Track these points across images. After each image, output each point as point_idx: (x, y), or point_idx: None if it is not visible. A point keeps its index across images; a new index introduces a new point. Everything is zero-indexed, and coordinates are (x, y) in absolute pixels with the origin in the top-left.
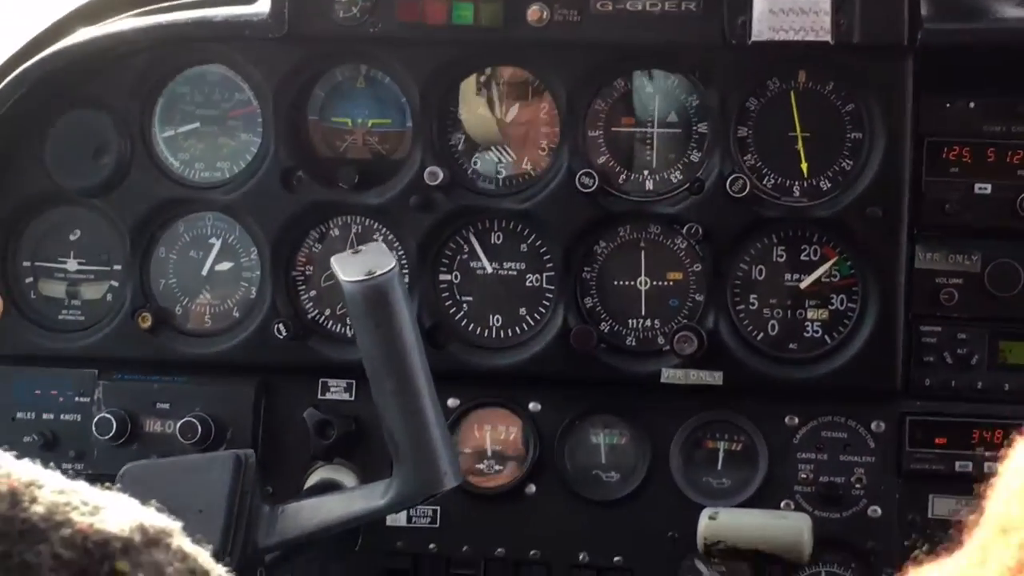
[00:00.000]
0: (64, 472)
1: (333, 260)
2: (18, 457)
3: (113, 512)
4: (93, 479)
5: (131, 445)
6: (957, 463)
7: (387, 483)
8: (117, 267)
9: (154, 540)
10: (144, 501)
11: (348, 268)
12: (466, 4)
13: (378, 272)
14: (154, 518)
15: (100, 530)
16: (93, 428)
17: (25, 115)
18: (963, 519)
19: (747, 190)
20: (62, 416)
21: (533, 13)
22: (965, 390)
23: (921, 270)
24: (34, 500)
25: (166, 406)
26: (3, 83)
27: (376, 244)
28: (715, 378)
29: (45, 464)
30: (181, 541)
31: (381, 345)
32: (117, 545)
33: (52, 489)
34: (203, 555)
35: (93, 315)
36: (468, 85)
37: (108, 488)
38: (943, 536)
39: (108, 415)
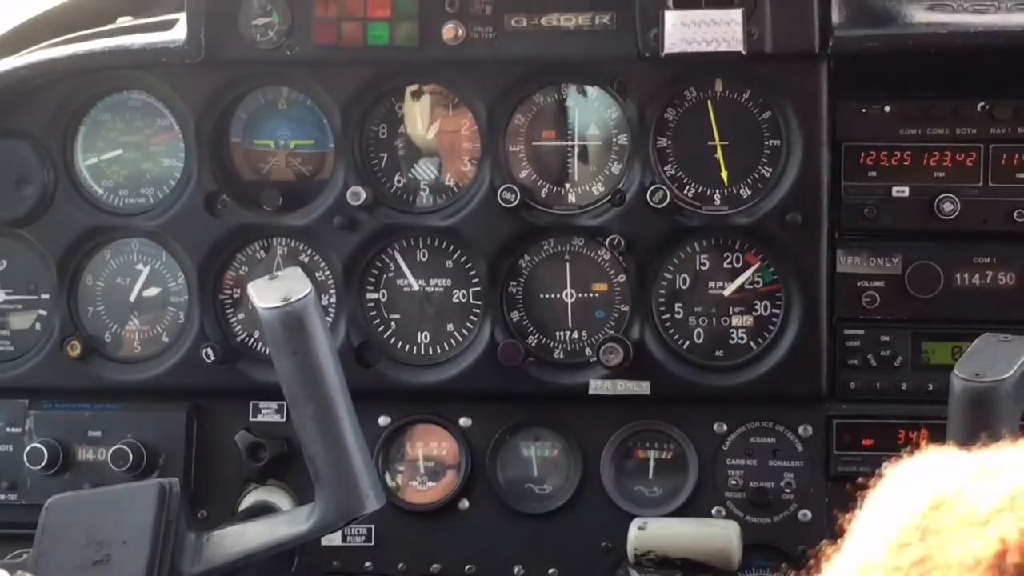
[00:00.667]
0: None
1: (249, 287)
2: None
3: None
4: (27, 509)
5: (63, 474)
6: (885, 464)
7: (311, 507)
8: (45, 296)
9: None
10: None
11: (264, 294)
12: (381, 24)
13: (294, 298)
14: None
15: None
16: (25, 458)
17: None
18: (818, 547)
19: (668, 200)
20: None
21: (448, 31)
22: (890, 391)
23: (843, 274)
24: None
25: (98, 434)
26: None
27: (293, 269)
28: (643, 388)
29: None
30: None
31: (299, 371)
32: None
33: None
34: None
35: (22, 345)
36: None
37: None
38: None
39: (39, 445)
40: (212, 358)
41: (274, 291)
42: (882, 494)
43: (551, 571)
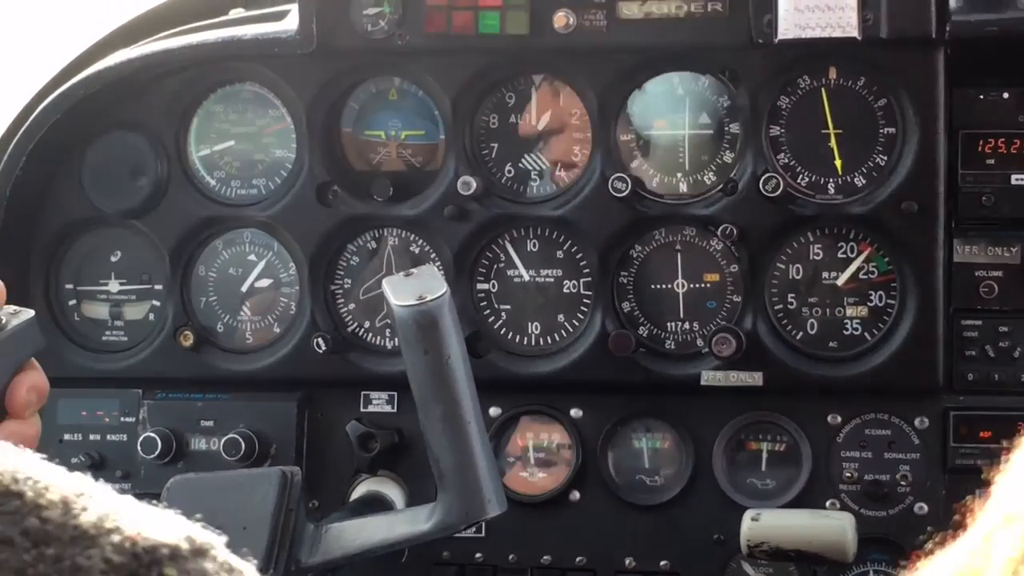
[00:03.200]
0: None
1: (385, 283)
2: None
3: (161, 523)
4: (140, 498)
5: (176, 463)
6: (1003, 457)
7: (431, 508)
8: (158, 287)
9: (201, 550)
10: (188, 515)
11: (399, 292)
12: (492, 13)
13: (429, 297)
14: (200, 531)
15: (149, 537)
16: (139, 447)
17: (63, 139)
18: (967, 504)
19: (781, 189)
20: (108, 437)
21: (559, 20)
22: (1008, 383)
23: (960, 263)
24: (84, 509)
25: (210, 423)
26: (40, 108)
27: (428, 267)
28: (755, 379)
29: None
30: (227, 555)
31: (430, 371)
32: (165, 552)
33: (102, 500)
34: (249, 569)
35: (136, 335)
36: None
37: (154, 503)
38: None
39: (153, 434)
40: (323, 348)
41: (409, 289)
42: (1009, 476)
43: (663, 563)
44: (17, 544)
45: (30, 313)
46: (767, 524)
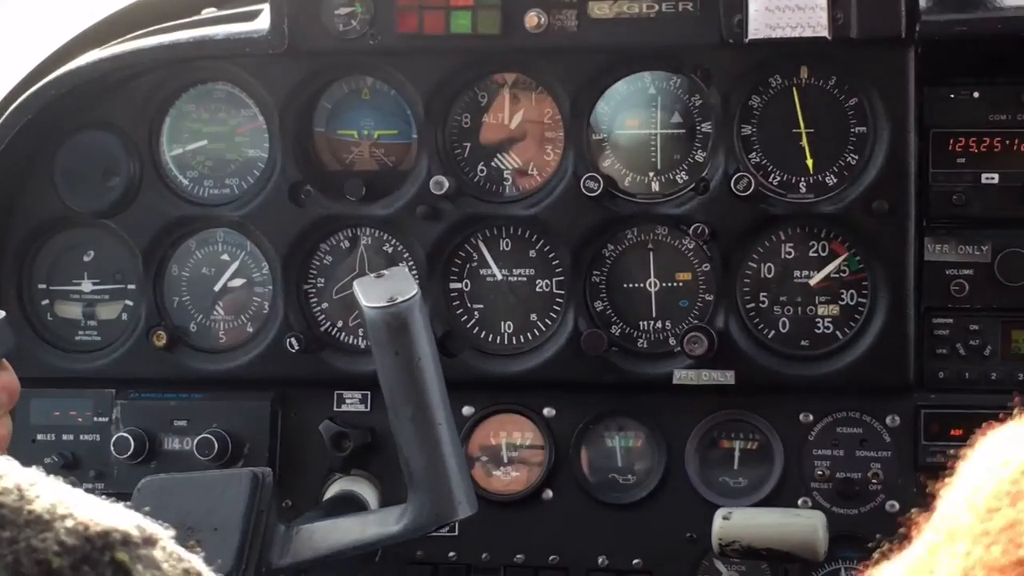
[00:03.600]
0: (85, 492)
1: (355, 284)
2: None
3: (112, 511)
4: (112, 499)
5: (150, 463)
6: (976, 433)
7: (402, 509)
8: (131, 287)
9: (151, 539)
10: (160, 515)
11: (370, 293)
12: (464, 12)
13: (400, 299)
14: (149, 523)
15: (101, 523)
16: (112, 447)
17: (35, 139)
18: (912, 517)
19: (752, 188)
20: (81, 436)
21: (531, 19)
22: (979, 381)
23: (931, 262)
24: (38, 496)
25: (183, 423)
26: (12, 107)
27: (399, 269)
28: (727, 377)
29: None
30: (174, 546)
31: (400, 372)
32: (117, 536)
33: (54, 490)
34: (196, 560)
35: (109, 335)
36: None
37: (127, 504)
38: None
39: (126, 434)
40: (296, 347)
41: (380, 290)
42: (972, 461)
43: (635, 561)
44: None
45: (0, 314)
46: (738, 523)
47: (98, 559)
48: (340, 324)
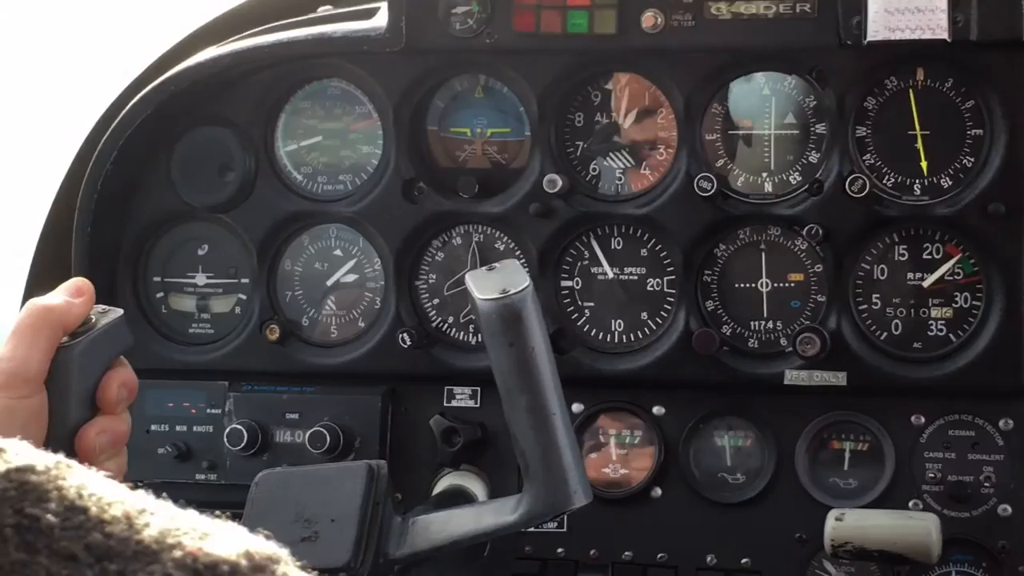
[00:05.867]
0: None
1: (467, 277)
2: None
3: (221, 538)
4: (227, 489)
5: (262, 455)
6: None
7: (517, 499)
8: (245, 280)
9: (260, 566)
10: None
11: (482, 286)
12: (580, 12)
13: (512, 291)
14: (261, 545)
15: (209, 553)
16: (225, 439)
17: (152, 134)
18: None
19: (867, 190)
20: (195, 428)
21: (647, 19)
22: None
23: None
24: (147, 524)
25: (295, 416)
26: (130, 104)
27: (511, 261)
28: (839, 379)
29: (180, 475)
30: (288, 568)
31: (514, 363)
32: (225, 568)
33: (164, 516)
34: None
35: (222, 328)
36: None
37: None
38: None
39: (239, 426)
40: (408, 343)
41: (492, 282)
42: None
43: (744, 561)
44: (80, 559)
45: (119, 312)
46: (851, 524)
47: None
48: (451, 320)
